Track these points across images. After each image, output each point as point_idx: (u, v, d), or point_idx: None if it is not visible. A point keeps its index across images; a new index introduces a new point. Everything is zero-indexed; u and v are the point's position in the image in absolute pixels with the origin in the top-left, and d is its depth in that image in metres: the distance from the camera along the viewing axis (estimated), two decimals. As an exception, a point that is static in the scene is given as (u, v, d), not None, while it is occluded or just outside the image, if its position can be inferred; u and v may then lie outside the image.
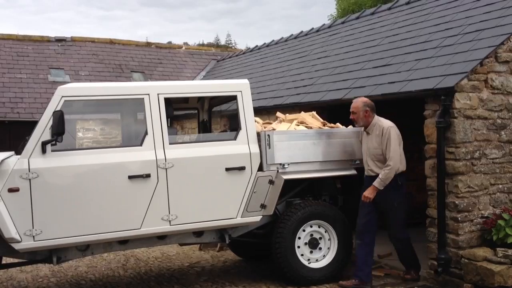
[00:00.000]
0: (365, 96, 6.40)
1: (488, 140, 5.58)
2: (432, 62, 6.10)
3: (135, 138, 5.67)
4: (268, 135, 5.55)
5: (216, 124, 9.34)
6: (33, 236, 4.86)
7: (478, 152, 5.50)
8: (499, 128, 5.62)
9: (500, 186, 5.65)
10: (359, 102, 5.64)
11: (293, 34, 12.53)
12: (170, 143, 5.33)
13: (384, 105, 7.38)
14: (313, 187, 6.15)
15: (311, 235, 5.77)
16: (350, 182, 6.15)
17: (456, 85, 5.33)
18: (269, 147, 5.55)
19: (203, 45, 41.33)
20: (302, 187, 6.02)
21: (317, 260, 5.78)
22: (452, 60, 5.81)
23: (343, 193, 6.30)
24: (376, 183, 5.42)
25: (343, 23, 10.73)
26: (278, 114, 6.54)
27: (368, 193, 5.47)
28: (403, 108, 7.49)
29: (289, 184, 5.71)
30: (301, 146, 5.71)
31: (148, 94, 5.32)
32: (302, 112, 6.45)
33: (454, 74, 5.48)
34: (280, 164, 5.56)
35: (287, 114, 6.43)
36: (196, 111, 7.01)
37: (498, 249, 5.14)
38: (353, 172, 5.96)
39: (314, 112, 6.37)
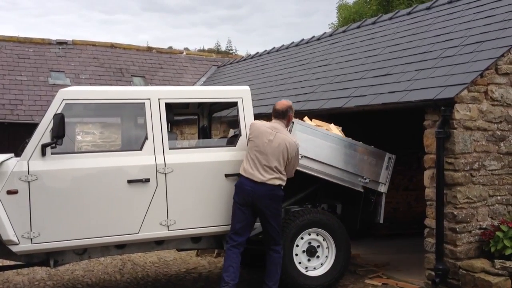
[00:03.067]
0: (365, 105, 6.43)
1: (487, 152, 5.59)
2: (432, 72, 6.12)
3: (135, 143, 5.66)
4: (293, 122, 5.63)
5: (216, 130, 9.35)
6: (31, 239, 4.84)
7: (477, 163, 5.51)
8: (498, 139, 5.64)
9: (499, 197, 5.66)
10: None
11: (294, 41, 12.57)
12: (170, 148, 5.33)
13: (384, 114, 7.42)
14: (315, 194, 6.17)
15: (309, 243, 5.76)
16: (354, 194, 6.15)
17: (456, 96, 5.35)
18: (290, 134, 5.61)
19: (204, 50, 41.41)
20: (305, 194, 6.05)
21: (314, 268, 5.77)
22: (453, 71, 5.84)
23: (345, 202, 6.30)
24: None
25: (344, 31, 10.77)
26: (306, 119, 6.48)
27: None
28: (402, 118, 7.51)
29: (295, 185, 5.74)
30: (319, 144, 5.77)
31: (149, 99, 5.32)
32: (332, 124, 6.43)
33: (454, 85, 5.50)
34: None
35: (314, 119, 6.41)
36: (196, 117, 7.01)
37: (496, 260, 5.15)
38: (360, 189, 5.99)
39: (340, 128, 6.36)
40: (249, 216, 5.30)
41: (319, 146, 5.80)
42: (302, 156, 5.63)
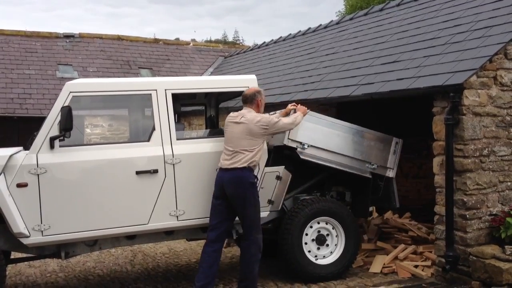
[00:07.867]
0: (373, 93, 6.40)
1: (497, 137, 5.54)
2: (441, 58, 6.07)
3: (142, 134, 5.68)
4: (294, 110, 5.67)
5: (223, 120, 9.34)
6: (42, 231, 4.88)
7: (486, 149, 5.47)
8: (508, 125, 5.59)
9: (509, 183, 5.62)
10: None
11: (301, 30, 12.49)
12: (177, 139, 5.34)
13: (393, 101, 7.37)
14: (324, 182, 6.17)
15: (319, 231, 5.77)
16: (362, 181, 6.13)
17: (465, 81, 5.31)
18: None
19: (210, 41, 41.28)
20: (314, 182, 6.07)
21: (324, 256, 5.78)
22: (461, 56, 5.78)
23: (354, 190, 6.28)
24: None
25: (351, 19, 10.69)
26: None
27: None
28: (411, 105, 7.46)
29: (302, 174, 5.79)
30: (325, 132, 5.79)
31: (156, 90, 5.32)
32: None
33: (463, 71, 5.45)
34: (301, 143, 5.62)
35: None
36: (203, 107, 7.01)
37: (506, 246, 5.12)
38: (368, 175, 5.97)
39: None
40: (224, 209, 5.13)
41: (326, 134, 5.81)
42: (308, 146, 5.65)
